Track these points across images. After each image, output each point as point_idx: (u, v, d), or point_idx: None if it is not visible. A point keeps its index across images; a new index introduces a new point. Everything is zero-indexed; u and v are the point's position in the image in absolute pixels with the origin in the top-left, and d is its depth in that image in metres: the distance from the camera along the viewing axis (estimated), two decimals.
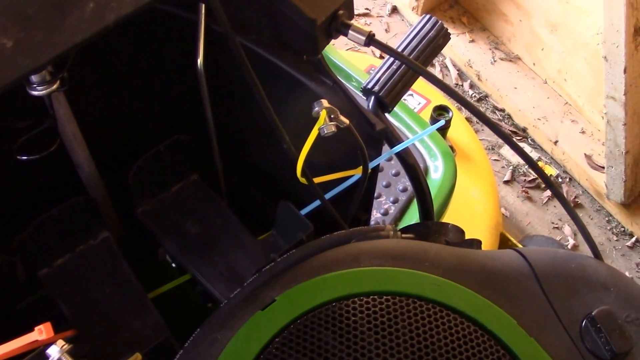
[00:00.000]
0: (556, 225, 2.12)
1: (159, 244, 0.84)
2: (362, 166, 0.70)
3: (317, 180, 0.69)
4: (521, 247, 0.69)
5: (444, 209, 1.13)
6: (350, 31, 0.65)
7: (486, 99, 2.36)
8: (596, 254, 0.64)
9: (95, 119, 0.83)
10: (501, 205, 2.13)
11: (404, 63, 0.74)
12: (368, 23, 2.51)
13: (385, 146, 0.75)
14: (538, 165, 0.68)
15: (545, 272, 0.56)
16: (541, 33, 2.24)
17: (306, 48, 0.66)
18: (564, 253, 0.60)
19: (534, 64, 2.35)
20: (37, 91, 0.65)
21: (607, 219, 2.15)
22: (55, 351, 0.58)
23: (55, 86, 0.65)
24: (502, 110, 2.32)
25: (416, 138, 0.89)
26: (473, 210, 1.39)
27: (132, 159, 0.82)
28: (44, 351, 0.58)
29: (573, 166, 2.19)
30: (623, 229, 2.13)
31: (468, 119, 2.04)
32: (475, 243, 0.63)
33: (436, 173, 1.17)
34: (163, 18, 0.80)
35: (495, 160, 2.22)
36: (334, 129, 0.63)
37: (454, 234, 0.65)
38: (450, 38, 0.80)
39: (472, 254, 0.58)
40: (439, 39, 0.79)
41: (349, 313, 0.50)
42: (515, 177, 2.20)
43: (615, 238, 2.12)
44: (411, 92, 1.57)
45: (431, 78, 0.67)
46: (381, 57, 2.15)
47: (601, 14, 1.70)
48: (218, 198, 0.87)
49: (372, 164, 0.73)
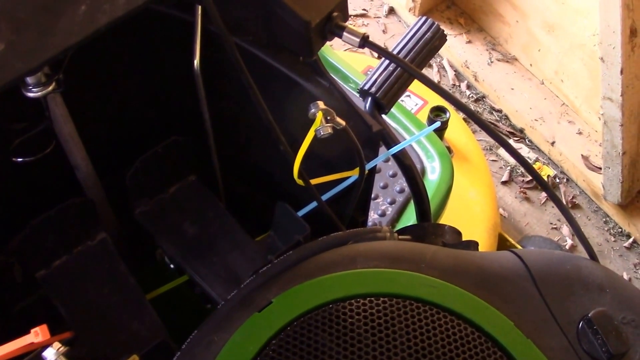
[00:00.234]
0: (554, 225, 2.12)
1: (157, 245, 0.84)
2: (359, 167, 0.70)
3: (314, 181, 0.69)
4: (518, 249, 0.69)
5: (442, 210, 1.14)
6: (344, 33, 0.65)
7: (483, 100, 2.36)
8: (592, 255, 0.64)
9: (92, 120, 0.83)
10: (499, 205, 2.13)
11: (399, 65, 0.74)
12: (365, 24, 2.51)
13: (382, 147, 0.75)
14: (533, 167, 0.68)
15: (541, 274, 0.56)
16: (538, 34, 2.25)
17: (301, 50, 0.66)
18: (560, 254, 0.60)
19: (531, 65, 2.35)
20: (33, 93, 0.64)
21: (605, 220, 2.15)
22: (51, 354, 0.58)
23: (51, 88, 0.65)
24: (500, 111, 2.32)
25: (413, 139, 0.88)
26: (471, 211, 1.39)
27: (130, 160, 0.82)
28: (41, 354, 0.58)
29: (570, 167, 2.19)
30: (620, 230, 2.13)
31: (465, 120, 2.04)
32: (472, 245, 0.63)
33: (433, 174, 1.17)
34: (160, 19, 0.80)
35: (493, 160, 2.22)
36: (330, 131, 0.63)
37: (451, 236, 0.66)
38: (446, 40, 0.81)
39: (469, 256, 0.58)
40: (435, 41, 0.79)
41: (346, 315, 0.50)
42: (513, 178, 2.20)
43: (612, 239, 2.12)
44: (408, 93, 1.57)
45: (424, 79, 0.67)
46: (379, 58, 2.14)
47: (597, 15, 1.70)
48: (216, 199, 0.87)
49: (369, 165, 0.73)
